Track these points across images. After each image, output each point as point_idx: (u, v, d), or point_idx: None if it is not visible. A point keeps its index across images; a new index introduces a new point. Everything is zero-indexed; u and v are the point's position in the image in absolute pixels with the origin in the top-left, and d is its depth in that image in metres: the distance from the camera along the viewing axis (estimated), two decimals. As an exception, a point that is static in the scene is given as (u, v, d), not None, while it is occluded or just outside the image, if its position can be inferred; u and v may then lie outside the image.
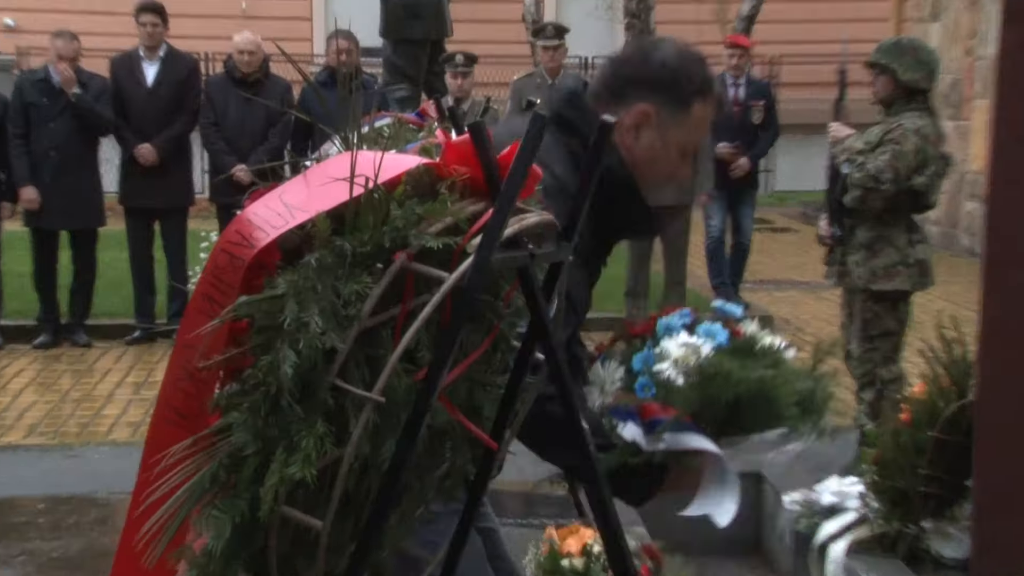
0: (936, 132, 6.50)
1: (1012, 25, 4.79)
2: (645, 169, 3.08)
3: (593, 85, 3.14)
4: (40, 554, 5.70)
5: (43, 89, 9.86)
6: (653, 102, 3.03)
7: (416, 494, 2.47)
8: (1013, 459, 4.68)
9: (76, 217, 10.01)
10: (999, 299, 4.75)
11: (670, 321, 3.04)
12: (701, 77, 3.08)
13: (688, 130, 3.08)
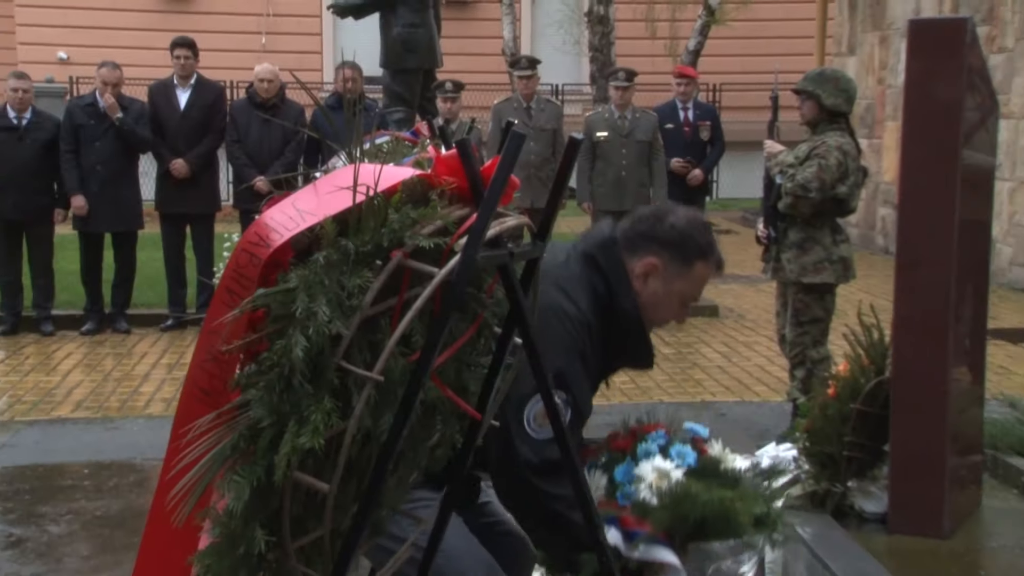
0: (855, 148, 6.52)
1: (916, 59, 4.82)
2: (649, 311, 3.10)
3: (616, 233, 3.15)
4: (84, 513, 5.68)
5: (90, 113, 9.89)
6: (661, 256, 3.07)
7: (411, 461, 2.47)
8: (923, 428, 4.69)
9: (118, 221, 10.02)
10: (909, 292, 4.77)
11: (648, 446, 3.08)
12: (705, 242, 3.12)
13: (689, 284, 3.13)
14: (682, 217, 3.11)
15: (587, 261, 3.04)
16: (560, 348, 2.84)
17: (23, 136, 9.76)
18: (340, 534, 2.29)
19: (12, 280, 10.05)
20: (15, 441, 6.99)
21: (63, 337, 9.99)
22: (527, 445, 2.87)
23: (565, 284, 2.97)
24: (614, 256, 3.05)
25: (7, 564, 5.04)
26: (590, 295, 2.99)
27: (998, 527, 4.91)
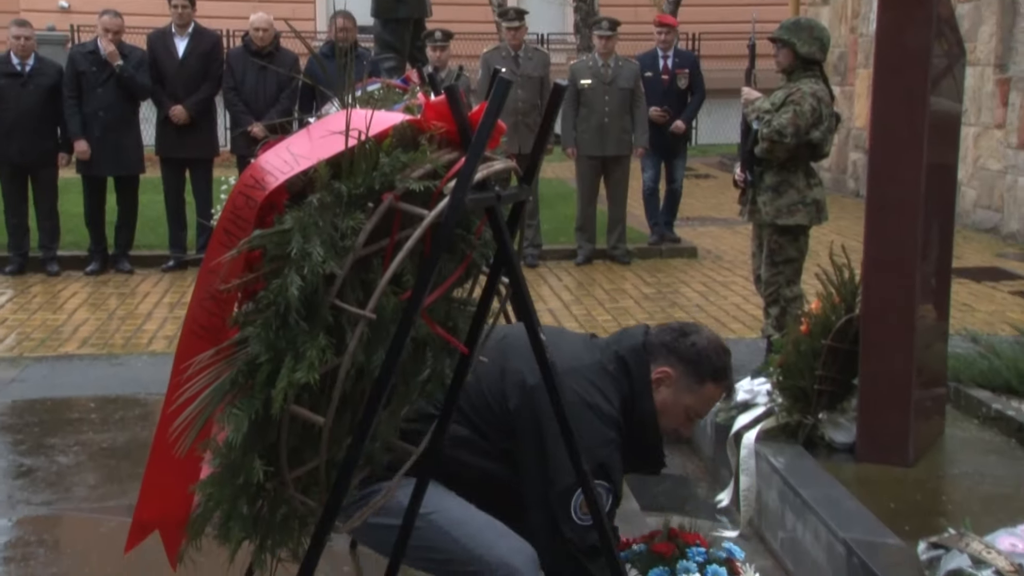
0: (828, 95, 6.51)
1: (887, 9, 4.79)
2: (656, 417, 3.13)
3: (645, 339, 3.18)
4: (91, 444, 5.69)
5: (92, 60, 9.82)
6: (677, 369, 3.09)
7: (402, 395, 2.48)
8: (891, 362, 4.71)
9: (120, 166, 9.98)
10: (879, 233, 4.77)
11: (687, 564, 3.09)
12: (720, 366, 3.16)
13: (698, 400, 3.15)
14: (704, 338, 3.15)
15: (620, 363, 3.07)
16: (600, 441, 2.88)
17: (26, 82, 9.70)
18: (335, 465, 2.30)
19: (18, 222, 10.00)
20: (24, 376, 6.99)
21: (68, 277, 9.98)
22: (575, 532, 2.90)
23: (599, 383, 3.00)
24: (643, 363, 3.08)
25: (19, 492, 5.06)
26: (618, 396, 3.03)
27: (960, 455, 4.95)
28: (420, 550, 2.89)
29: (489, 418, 2.94)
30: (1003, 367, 5.76)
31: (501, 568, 2.82)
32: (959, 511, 4.13)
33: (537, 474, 2.91)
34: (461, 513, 2.91)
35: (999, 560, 3.30)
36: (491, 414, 2.94)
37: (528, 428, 2.91)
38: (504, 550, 2.84)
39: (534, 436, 2.90)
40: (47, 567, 4.30)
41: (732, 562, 3.17)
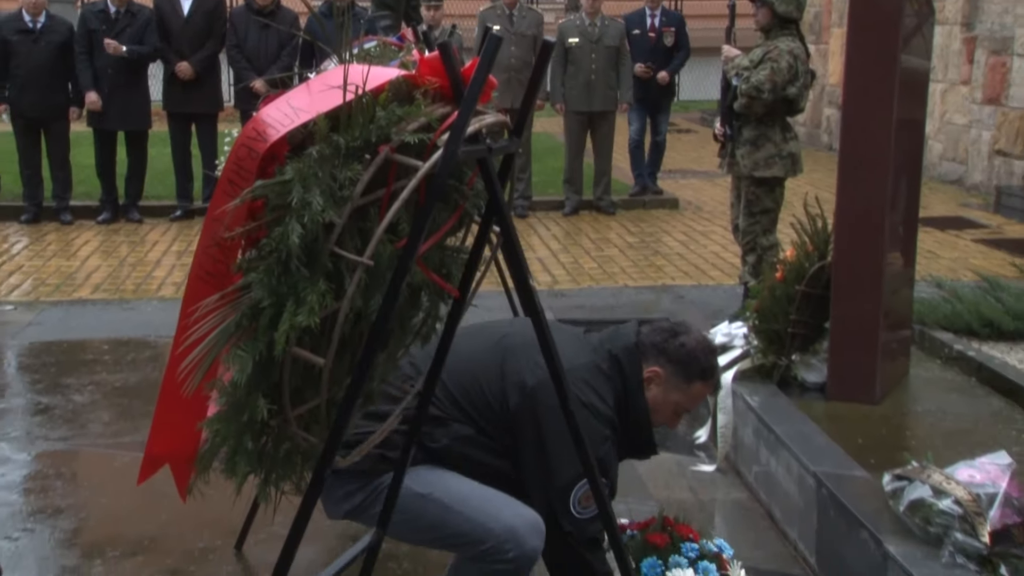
0: (804, 52, 6.48)
1: (863, -30, 4.76)
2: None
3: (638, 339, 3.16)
4: (105, 384, 5.70)
5: (102, 18, 9.74)
6: (666, 369, 3.07)
7: (399, 338, 2.48)
8: (860, 306, 4.72)
9: (129, 121, 9.92)
10: (850, 185, 4.77)
11: (679, 559, 3.11)
12: (708, 366, 3.14)
13: (686, 398, 3.13)
14: (693, 339, 3.13)
15: (613, 362, 3.05)
16: (598, 439, 2.87)
17: (38, 39, 9.61)
18: (335, 403, 2.31)
19: (33, 173, 9.95)
20: (40, 319, 6.98)
21: (81, 226, 9.94)
22: (574, 525, 2.90)
23: (594, 383, 2.98)
24: (635, 363, 3.07)
25: (37, 429, 5.08)
26: (612, 395, 3.02)
27: (923, 394, 4.98)
28: (428, 530, 2.92)
29: (490, 416, 2.94)
30: (965, 311, 5.79)
31: (506, 534, 2.82)
32: (922, 445, 4.16)
33: (536, 471, 2.91)
34: (462, 488, 2.91)
35: (958, 490, 3.32)
36: (492, 412, 2.93)
37: (527, 427, 2.90)
38: (509, 517, 2.85)
39: (534, 435, 2.90)
40: (64, 498, 4.33)
41: (721, 558, 3.19)
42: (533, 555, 2.84)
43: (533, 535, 2.84)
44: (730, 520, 4.40)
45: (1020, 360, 5.36)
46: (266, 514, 3.57)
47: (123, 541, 3.97)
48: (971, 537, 3.23)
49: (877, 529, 3.44)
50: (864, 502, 3.64)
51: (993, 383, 5.04)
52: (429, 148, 2.18)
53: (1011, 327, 5.68)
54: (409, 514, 2.87)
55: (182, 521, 4.05)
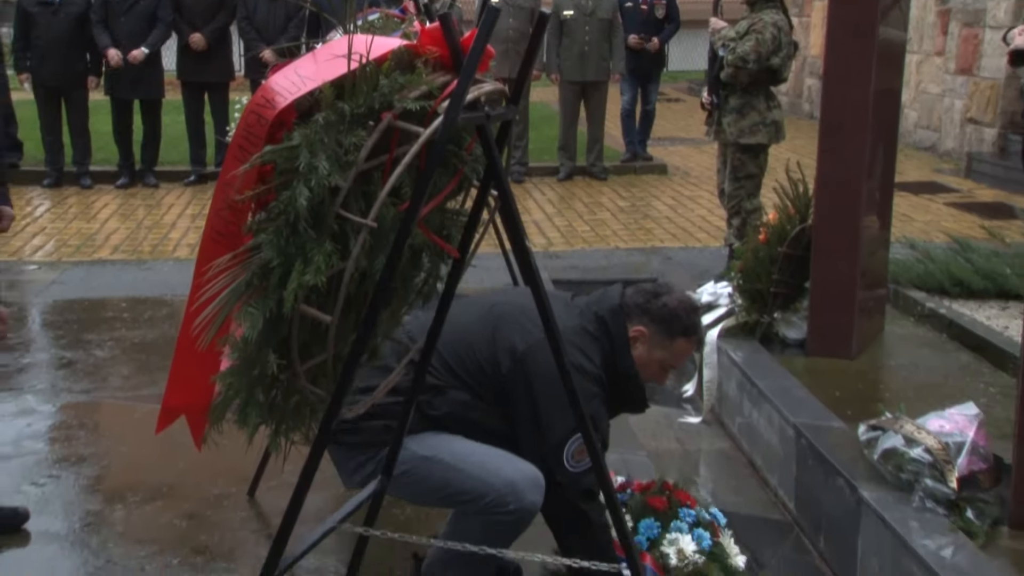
0: (788, 25, 6.43)
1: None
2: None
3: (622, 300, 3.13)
4: (124, 340, 5.70)
5: (117, -10, 9.67)
6: (650, 328, 3.05)
7: (401, 296, 2.47)
8: (838, 267, 4.72)
9: (143, 91, 9.84)
10: (830, 151, 4.75)
11: (679, 524, 3.12)
12: (689, 323, 3.11)
13: (670, 355, 3.10)
14: (674, 299, 3.11)
15: (600, 324, 3.04)
16: (588, 398, 2.85)
17: (57, 11, 9.49)
18: (341, 358, 2.30)
19: (54, 140, 9.90)
20: (63, 279, 6.97)
21: (100, 190, 9.91)
22: (568, 478, 2.90)
23: (581, 344, 2.96)
24: (620, 323, 3.05)
25: (61, 381, 5.08)
26: (600, 355, 3.00)
27: (897, 349, 4.99)
28: (434, 491, 2.92)
29: (484, 381, 2.93)
30: (937, 271, 5.80)
31: (507, 488, 2.82)
32: (895, 398, 4.17)
33: (530, 431, 2.91)
34: (464, 447, 2.91)
35: (928, 439, 3.33)
36: (486, 377, 2.93)
37: (520, 390, 2.90)
38: (509, 472, 2.85)
39: (526, 397, 2.89)
40: (87, 447, 4.34)
41: (715, 526, 3.19)
42: (533, 508, 2.85)
43: (533, 489, 2.85)
44: (714, 468, 4.42)
45: (988, 317, 5.37)
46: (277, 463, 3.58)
47: (143, 487, 3.98)
48: (940, 483, 3.25)
49: (852, 476, 3.46)
50: (840, 451, 3.66)
51: (962, 339, 5.05)
52: (430, 115, 2.16)
53: (980, 286, 5.69)
54: (416, 476, 2.88)
55: (198, 469, 4.06)
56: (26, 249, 7.81)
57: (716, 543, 3.14)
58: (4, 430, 4.48)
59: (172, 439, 2.86)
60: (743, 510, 3.98)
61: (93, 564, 3.45)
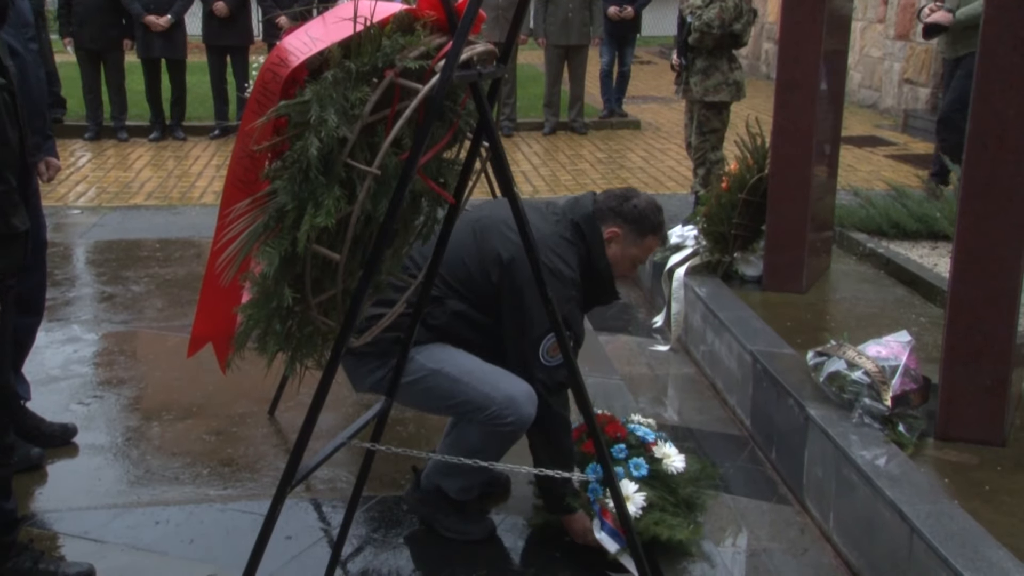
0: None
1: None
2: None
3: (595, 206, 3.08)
4: (158, 277, 5.67)
5: (145, -37, 9.47)
6: (623, 228, 3.03)
7: (403, 236, 2.44)
8: (791, 212, 4.69)
9: (168, 50, 9.67)
10: (785, 107, 4.70)
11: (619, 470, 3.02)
12: (657, 221, 3.09)
13: (640, 251, 3.09)
14: (643, 200, 3.08)
15: (575, 229, 3.00)
16: (563, 299, 2.84)
17: (94, -20, 9.32)
18: (349, 293, 2.28)
19: (94, 97, 9.78)
20: (103, 222, 6.91)
21: (135, 143, 9.80)
22: (543, 372, 2.89)
23: (559, 250, 2.94)
24: (595, 228, 3.02)
25: (102, 313, 5.05)
26: (576, 258, 2.97)
27: (841, 284, 4.98)
28: (439, 399, 2.92)
29: (475, 289, 2.92)
30: (877, 215, 5.78)
31: (506, 401, 2.83)
32: (839, 327, 4.17)
33: (514, 328, 2.90)
34: (467, 362, 2.91)
35: (867, 364, 3.34)
36: (476, 285, 2.92)
37: (508, 293, 2.89)
38: (507, 386, 2.86)
39: (513, 300, 2.88)
40: (127, 371, 4.33)
41: (647, 447, 3.12)
42: (528, 419, 2.86)
43: (528, 403, 2.85)
44: (680, 390, 4.43)
45: (920, 256, 5.36)
46: (293, 385, 3.59)
47: (175, 407, 3.98)
48: (877, 402, 3.26)
49: (801, 396, 3.47)
50: (791, 375, 3.66)
51: (898, 275, 5.05)
52: (428, 73, 2.12)
53: (913, 228, 5.69)
54: (424, 385, 2.88)
55: (223, 391, 4.06)
56: (70, 196, 7.73)
57: (652, 459, 3.08)
58: (53, 356, 4.46)
59: (200, 364, 2.85)
60: (706, 427, 3.99)
61: (134, 473, 3.46)
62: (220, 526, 3.14)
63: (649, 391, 4.36)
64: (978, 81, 3.09)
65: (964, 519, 2.71)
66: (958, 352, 3.22)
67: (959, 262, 3.19)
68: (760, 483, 3.56)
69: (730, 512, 3.34)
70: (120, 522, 3.13)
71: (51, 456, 3.53)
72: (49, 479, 3.41)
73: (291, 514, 3.16)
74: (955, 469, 3.07)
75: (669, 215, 7.03)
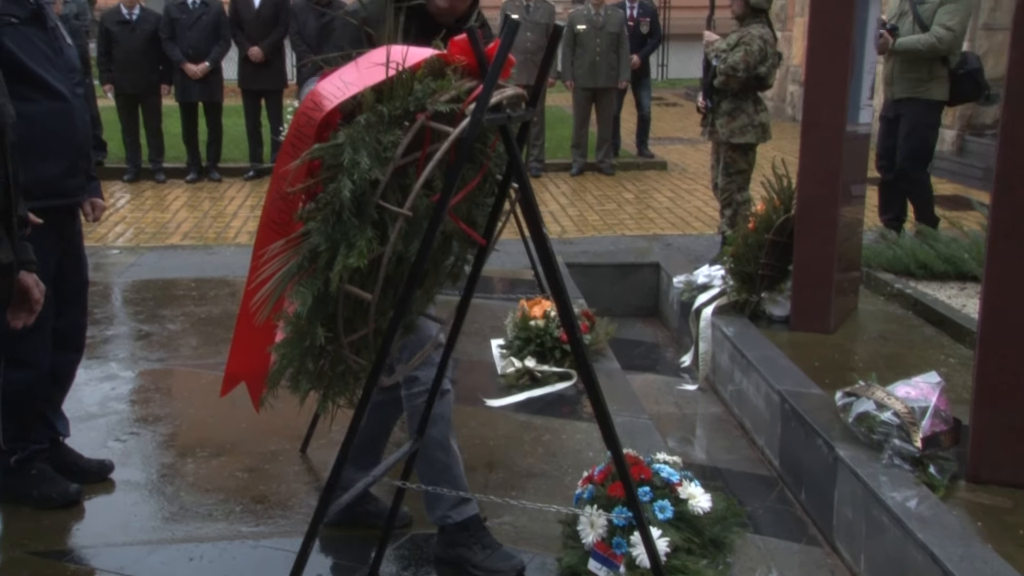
0: (773, 37, 6.35)
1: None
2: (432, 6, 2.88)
3: None
4: (193, 315, 5.70)
5: (182, 8, 9.65)
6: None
7: (433, 277, 2.45)
8: (817, 252, 4.67)
9: (206, 94, 9.84)
10: (811, 149, 4.69)
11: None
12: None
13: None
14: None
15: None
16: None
17: (134, 28, 9.54)
18: (381, 332, 2.28)
19: (132, 140, 9.94)
20: (140, 262, 6.99)
21: (172, 184, 9.92)
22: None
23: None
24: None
25: (139, 351, 5.09)
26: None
27: (868, 324, 4.94)
28: None
29: None
30: (904, 256, 5.74)
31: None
32: (867, 367, 4.13)
33: None
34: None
35: (897, 404, 3.30)
36: None
37: None
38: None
39: None
40: (162, 407, 4.35)
41: (672, 488, 2.98)
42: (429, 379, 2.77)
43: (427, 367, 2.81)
44: (708, 430, 4.39)
45: (948, 296, 5.31)
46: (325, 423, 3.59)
47: (209, 444, 3.99)
48: (906, 443, 3.22)
49: (830, 437, 3.43)
50: (819, 414, 3.62)
51: (926, 315, 5.00)
52: (458, 116, 2.14)
53: (941, 269, 5.64)
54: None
55: (256, 428, 4.07)
56: (109, 236, 7.84)
57: (678, 500, 2.95)
58: (92, 393, 4.49)
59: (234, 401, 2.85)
60: (734, 467, 3.95)
61: (168, 510, 3.46)
62: (252, 563, 3.13)
63: (677, 430, 4.33)
64: (1004, 125, 3.07)
65: (998, 563, 2.66)
66: (988, 393, 3.18)
67: (988, 303, 3.15)
68: (789, 524, 3.51)
69: (759, 553, 3.29)
70: (155, 558, 3.13)
71: (88, 492, 3.54)
72: (86, 515, 3.43)
73: (323, 551, 3.15)
74: (987, 512, 3.01)
75: (697, 254, 7.06)
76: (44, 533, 3.25)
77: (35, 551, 3.14)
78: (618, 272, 6.36)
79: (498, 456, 3.75)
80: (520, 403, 4.22)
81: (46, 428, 3.52)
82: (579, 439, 3.88)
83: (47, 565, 3.07)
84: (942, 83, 6.33)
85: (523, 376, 4.41)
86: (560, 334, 4.42)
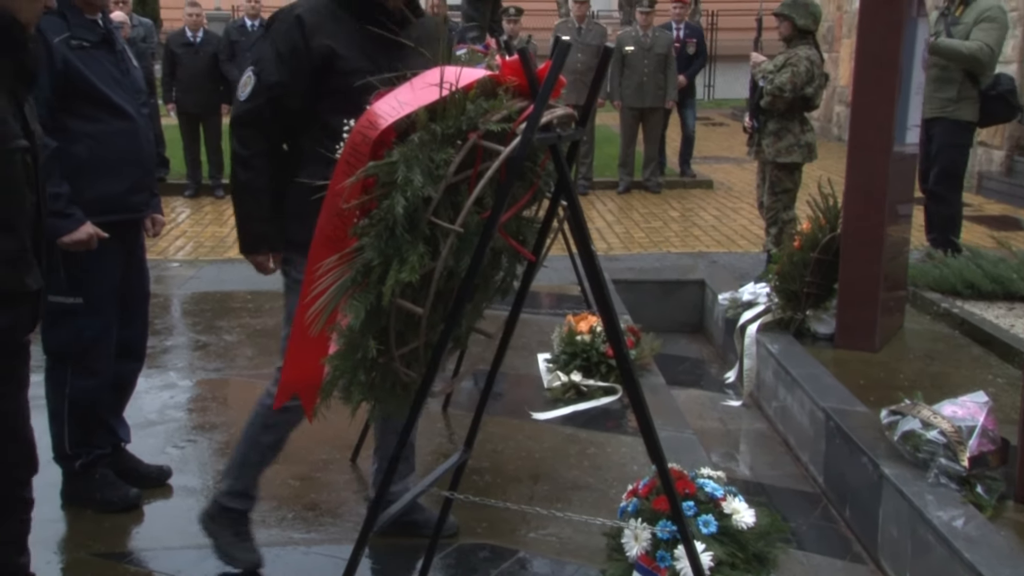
0: (819, 59, 6.30)
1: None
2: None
3: None
4: (248, 327, 5.78)
5: (241, 31, 9.86)
6: None
7: (483, 291, 2.46)
8: (863, 270, 4.61)
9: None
10: (857, 168, 4.64)
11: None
12: None
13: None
14: None
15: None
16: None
17: (197, 50, 9.73)
18: (431, 345, 2.29)
19: (193, 157, 10.11)
20: (199, 275, 7.10)
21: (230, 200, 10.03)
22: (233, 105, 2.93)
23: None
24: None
25: (197, 361, 5.17)
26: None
27: (913, 343, 4.86)
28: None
29: None
30: (950, 275, 5.64)
31: None
32: (913, 386, 4.06)
33: None
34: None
35: (943, 423, 3.24)
36: None
37: None
38: None
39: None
40: (218, 416, 4.41)
41: (717, 503, 2.94)
42: None
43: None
44: (753, 445, 4.34)
45: (996, 316, 5.21)
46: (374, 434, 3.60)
47: (263, 451, 4.02)
48: (953, 462, 3.16)
49: (875, 455, 3.37)
50: (864, 432, 3.57)
51: (973, 335, 4.91)
52: (509, 135, 2.15)
53: (988, 288, 5.53)
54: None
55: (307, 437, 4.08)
56: (170, 249, 7.97)
57: (722, 515, 2.90)
58: (151, 401, 4.56)
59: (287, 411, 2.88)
60: (778, 483, 3.90)
61: (222, 515, 3.49)
62: (303, 569, 3.15)
63: (721, 445, 4.28)
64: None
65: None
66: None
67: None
68: (834, 541, 3.45)
69: (804, 569, 3.24)
70: (210, 563, 3.17)
71: (147, 496, 3.60)
72: (145, 518, 3.48)
73: (371, 559, 3.17)
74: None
75: (742, 272, 7.00)
76: (105, 535, 3.31)
77: (97, 552, 3.20)
78: (663, 289, 6.32)
79: (544, 468, 3.74)
80: (566, 416, 4.21)
81: (108, 434, 3.58)
82: (624, 453, 3.85)
83: (108, 566, 3.12)
84: (972, 104, 6.21)
85: (569, 390, 4.40)
86: (606, 349, 4.41)
